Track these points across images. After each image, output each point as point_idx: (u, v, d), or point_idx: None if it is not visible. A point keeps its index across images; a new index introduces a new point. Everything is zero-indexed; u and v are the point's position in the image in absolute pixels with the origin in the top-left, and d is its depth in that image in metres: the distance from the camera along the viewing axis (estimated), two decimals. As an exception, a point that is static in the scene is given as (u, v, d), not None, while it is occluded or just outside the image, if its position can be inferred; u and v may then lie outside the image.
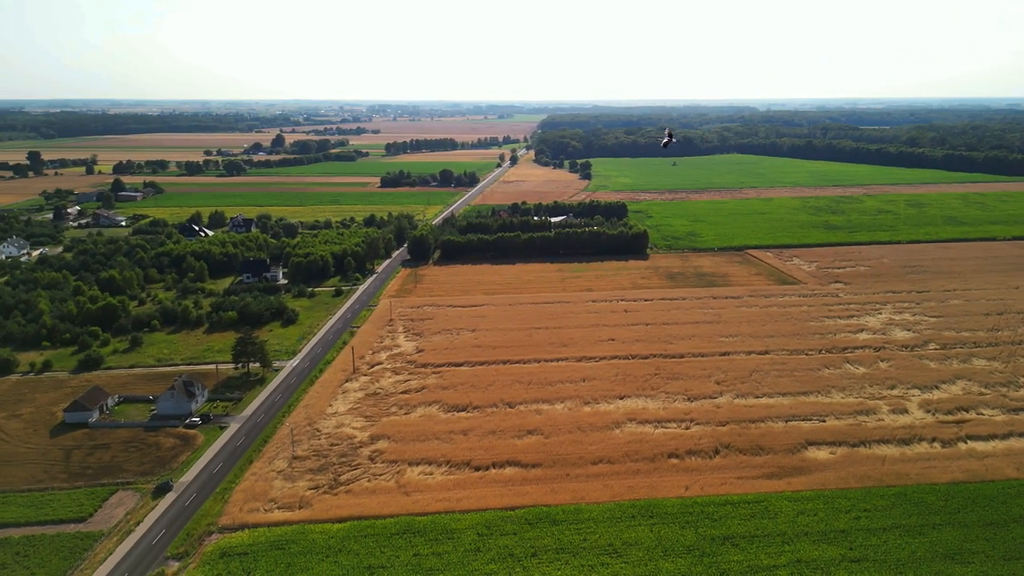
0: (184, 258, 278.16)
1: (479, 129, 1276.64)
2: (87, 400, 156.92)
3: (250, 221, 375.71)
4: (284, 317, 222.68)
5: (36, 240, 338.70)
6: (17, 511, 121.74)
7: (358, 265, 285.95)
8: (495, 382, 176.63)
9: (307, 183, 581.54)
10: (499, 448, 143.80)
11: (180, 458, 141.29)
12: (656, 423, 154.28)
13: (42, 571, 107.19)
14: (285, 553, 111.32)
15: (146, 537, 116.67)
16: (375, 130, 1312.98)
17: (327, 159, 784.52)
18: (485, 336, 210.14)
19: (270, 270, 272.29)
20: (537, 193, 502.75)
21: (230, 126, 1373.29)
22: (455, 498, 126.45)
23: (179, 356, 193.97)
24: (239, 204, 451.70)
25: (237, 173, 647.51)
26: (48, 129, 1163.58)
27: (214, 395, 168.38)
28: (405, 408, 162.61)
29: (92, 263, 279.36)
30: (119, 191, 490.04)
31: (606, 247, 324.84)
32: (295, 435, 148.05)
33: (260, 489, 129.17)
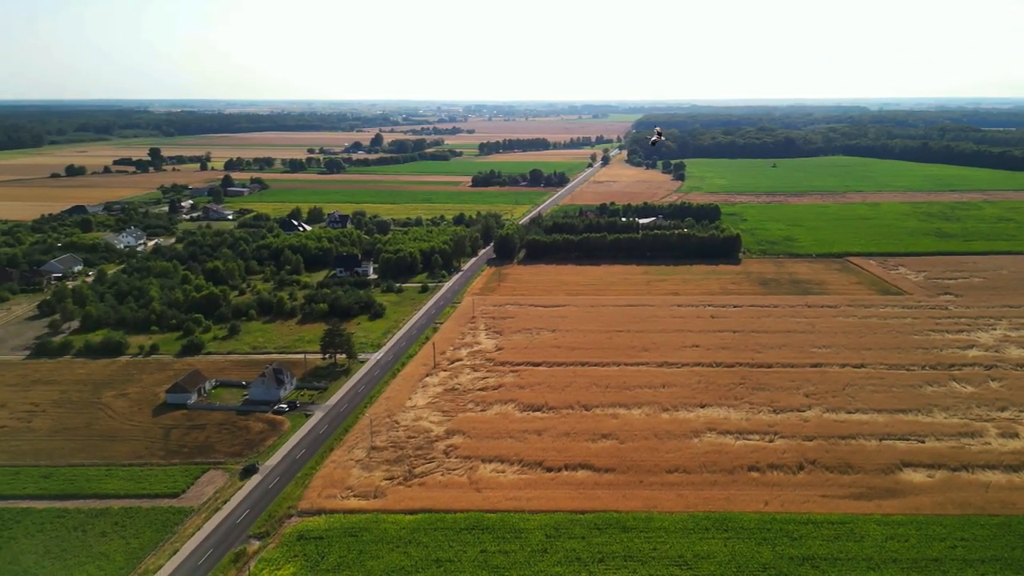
0: (282, 251, 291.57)
1: (572, 129, 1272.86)
2: (187, 383, 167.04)
3: (346, 217, 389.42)
4: (372, 311, 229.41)
5: (152, 231, 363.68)
6: (119, 483, 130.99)
7: (445, 262, 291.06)
8: (572, 383, 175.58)
9: (402, 181, 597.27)
10: (572, 450, 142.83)
11: (267, 442, 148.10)
12: (737, 434, 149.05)
13: (137, 541, 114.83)
14: (358, 540, 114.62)
15: (232, 515, 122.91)
16: (470, 130, 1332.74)
17: (422, 158, 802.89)
18: (565, 337, 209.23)
19: (361, 265, 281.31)
20: (627, 194, 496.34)
21: (333, 125, 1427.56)
22: (525, 497, 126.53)
23: (272, 345, 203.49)
24: (337, 201, 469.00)
25: (337, 171, 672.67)
26: (169, 127, 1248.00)
27: (302, 383, 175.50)
28: (481, 405, 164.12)
29: (200, 254, 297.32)
30: (228, 187, 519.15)
31: (695, 250, 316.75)
32: (374, 426, 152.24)
33: (338, 476, 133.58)
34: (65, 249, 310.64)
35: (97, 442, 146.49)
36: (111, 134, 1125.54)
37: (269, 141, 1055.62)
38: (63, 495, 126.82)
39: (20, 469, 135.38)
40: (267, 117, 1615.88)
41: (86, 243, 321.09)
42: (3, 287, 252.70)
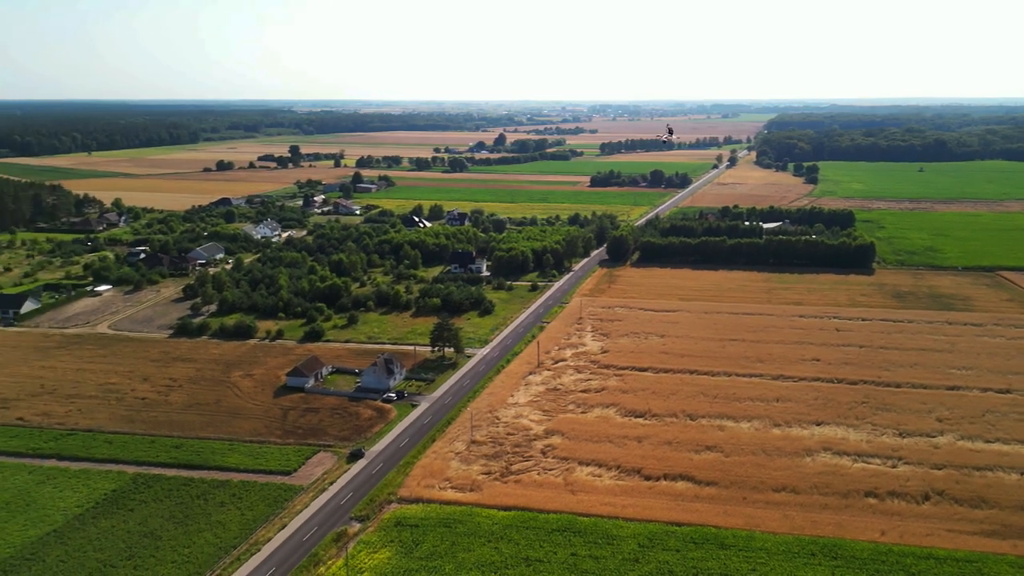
0: (402, 246, 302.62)
1: (699, 129, 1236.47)
2: (306, 367, 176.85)
3: (464, 215, 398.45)
4: (482, 307, 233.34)
5: (286, 223, 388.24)
6: (239, 458, 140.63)
7: (556, 262, 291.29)
8: (678, 391, 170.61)
9: (521, 180, 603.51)
10: (673, 460, 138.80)
11: (374, 429, 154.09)
12: (855, 456, 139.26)
13: (251, 513, 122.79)
14: (451, 532, 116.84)
15: (336, 496, 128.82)
16: (593, 130, 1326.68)
17: (543, 158, 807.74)
18: (674, 343, 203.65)
19: (475, 262, 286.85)
20: (752, 197, 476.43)
21: (459, 125, 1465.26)
22: (620, 504, 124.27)
23: (386, 336, 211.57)
24: (457, 199, 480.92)
25: (460, 169, 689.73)
26: (309, 127, 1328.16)
27: (410, 374, 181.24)
28: (583, 407, 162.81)
29: (327, 246, 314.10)
30: (358, 183, 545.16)
31: (824, 258, 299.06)
32: (476, 421, 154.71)
33: (437, 467, 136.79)
34: (210, 238, 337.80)
35: (223, 418, 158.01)
36: (258, 132, 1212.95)
37: (399, 140, 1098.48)
38: (190, 465, 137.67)
39: (156, 438, 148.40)
40: (398, 117, 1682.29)
41: (228, 233, 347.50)
42: (155, 271, 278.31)
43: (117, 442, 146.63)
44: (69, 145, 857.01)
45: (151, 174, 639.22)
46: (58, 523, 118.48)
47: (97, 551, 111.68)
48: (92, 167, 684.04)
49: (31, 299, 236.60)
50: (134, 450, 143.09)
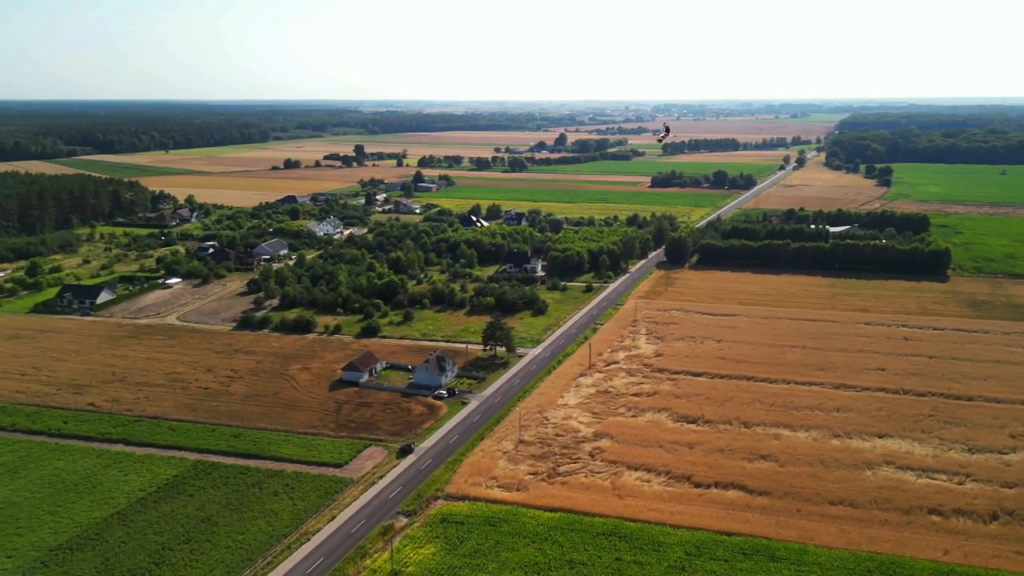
0: (458, 245, 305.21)
1: (766, 129, 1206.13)
2: (360, 362, 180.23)
3: (521, 215, 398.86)
4: (535, 307, 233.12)
5: (348, 221, 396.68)
6: (293, 449, 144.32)
7: (612, 263, 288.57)
8: (733, 398, 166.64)
9: (580, 181, 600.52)
10: (725, 468, 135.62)
11: (424, 425, 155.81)
12: (920, 471, 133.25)
13: (303, 503, 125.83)
14: (496, 530, 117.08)
15: (385, 491, 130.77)
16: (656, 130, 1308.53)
17: (603, 158, 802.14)
18: (731, 348, 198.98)
19: (530, 262, 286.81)
20: (820, 199, 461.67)
21: (521, 125, 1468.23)
22: (668, 510, 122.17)
23: (440, 333, 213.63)
24: (516, 199, 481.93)
25: (519, 169, 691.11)
26: (374, 126, 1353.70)
27: (462, 372, 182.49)
28: (633, 411, 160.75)
29: (386, 244, 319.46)
30: (418, 182, 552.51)
31: (894, 264, 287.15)
32: (524, 421, 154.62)
33: (485, 466, 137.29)
34: (275, 234, 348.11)
35: (280, 410, 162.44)
36: (325, 132, 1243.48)
37: (460, 140, 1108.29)
38: (247, 454, 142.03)
39: (216, 427, 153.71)
40: (461, 117, 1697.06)
41: (292, 229, 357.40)
42: (222, 265, 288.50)
43: (180, 429, 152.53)
44: (148, 143, 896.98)
45: (223, 172, 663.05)
46: (122, 505, 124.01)
47: (157, 534, 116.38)
48: (168, 165, 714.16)
49: (107, 290, 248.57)
50: (195, 438, 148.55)
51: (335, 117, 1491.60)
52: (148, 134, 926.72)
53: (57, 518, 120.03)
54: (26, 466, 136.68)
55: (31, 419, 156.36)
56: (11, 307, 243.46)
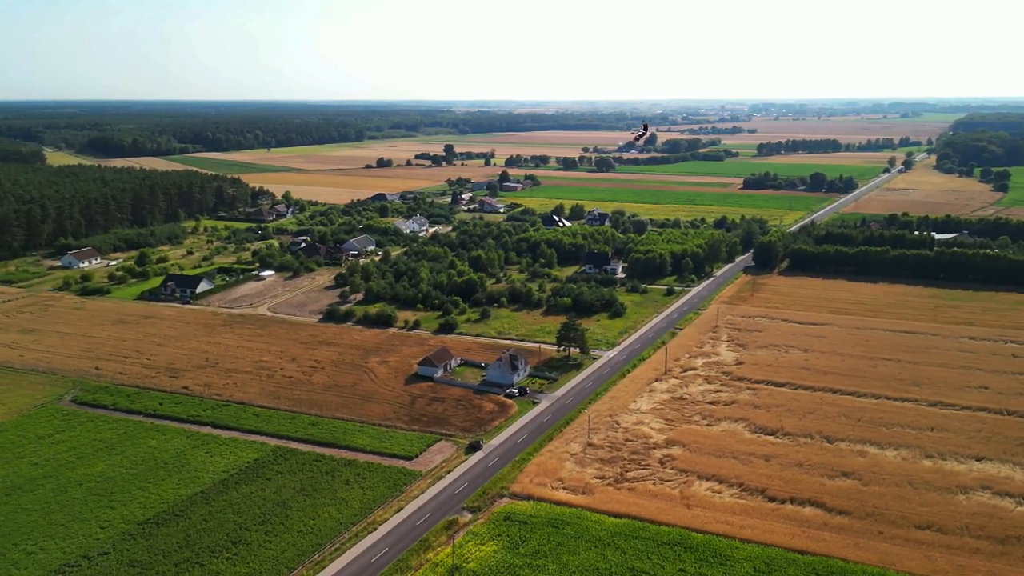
0: (539, 245, 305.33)
1: (871, 129, 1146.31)
2: (436, 358, 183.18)
3: (605, 215, 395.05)
4: (612, 309, 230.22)
5: (434, 219, 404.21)
6: (367, 440, 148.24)
7: (696, 267, 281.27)
8: (816, 411, 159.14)
9: (668, 181, 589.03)
10: (802, 483, 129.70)
11: (494, 422, 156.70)
12: (1020, 499, 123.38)
13: (372, 493, 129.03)
14: (558, 532, 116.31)
15: (452, 486, 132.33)
16: (751, 129, 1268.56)
17: (694, 158, 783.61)
18: (817, 359, 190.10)
19: (610, 263, 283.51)
20: (927, 204, 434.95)
21: (611, 125, 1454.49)
22: (738, 524, 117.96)
23: (515, 332, 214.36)
24: (600, 199, 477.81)
25: (606, 169, 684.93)
26: (464, 126, 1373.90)
27: (534, 372, 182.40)
28: (708, 419, 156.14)
29: (468, 242, 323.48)
30: (504, 182, 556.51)
31: (1006, 275, 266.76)
32: (594, 423, 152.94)
33: (552, 467, 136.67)
34: (363, 231, 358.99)
35: (357, 401, 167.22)
36: (417, 131, 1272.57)
37: (548, 140, 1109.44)
38: (323, 442, 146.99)
39: (296, 415, 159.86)
40: (551, 117, 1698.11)
41: (380, 226, 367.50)
42: (312, 259, 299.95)
43: (263, 415, 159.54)
44: (252, 142, 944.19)
45: (319, 169, 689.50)
46: (205, 485, 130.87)
47: (236, 514, 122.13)
48: (269, 162, 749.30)
49: (206, 280, 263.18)
50: (276, 424, 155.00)
51: (428, 117, 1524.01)
52: (252, 133, 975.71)
53: (147, 494, 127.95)
54: (123, 443, 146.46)
55: (131, 399, 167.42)
56: (120, 293, 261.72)
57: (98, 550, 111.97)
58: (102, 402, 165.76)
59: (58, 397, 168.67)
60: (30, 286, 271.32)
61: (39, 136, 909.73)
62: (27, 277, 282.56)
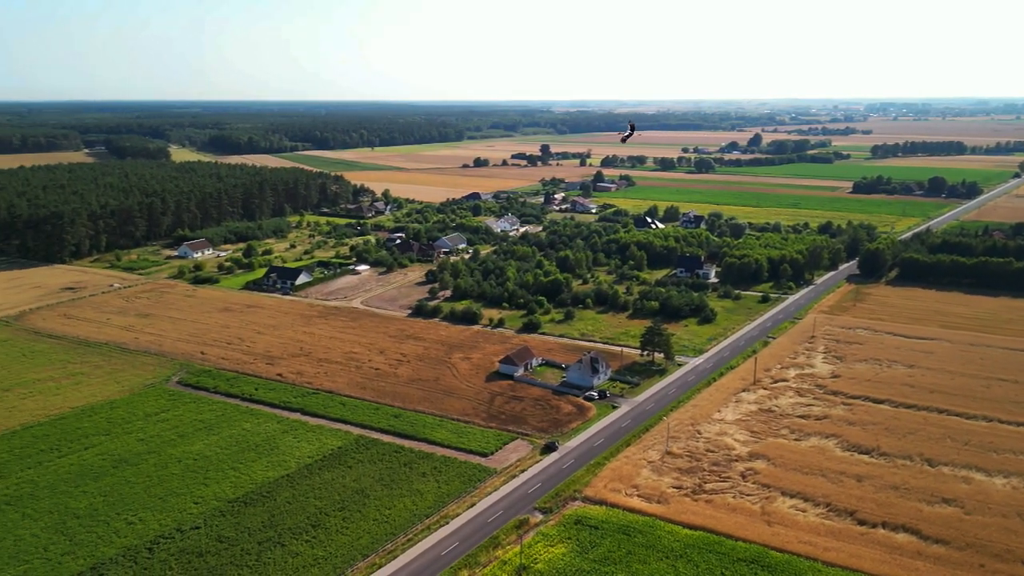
0: (628, 247, 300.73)
1: (1003, 131, 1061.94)
2: (517, 357, 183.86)
3: (700, 218, 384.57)
4: (702, 315, 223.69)
5: (525, 219, 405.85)
6: (446, 434, 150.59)
7: (794, 273, 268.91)
8: (918, 431, 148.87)
9: (770, 184, 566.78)
10: (897, 507, 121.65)
11: (571, 424, 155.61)
12: None
13: (447, 487, 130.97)
14: (629, 540, 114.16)
15: (525, 485, 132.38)
16: (866, 130, 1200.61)
17: (800, 160, 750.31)
18: (923, 376, 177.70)
19: (703, 267, 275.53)
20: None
21: (714, 125, 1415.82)
22: (823, 546, 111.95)
23: (599, 334, 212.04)
24: (696, 200, 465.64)
25: (705, 170, 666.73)
26: (562, 126, 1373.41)
27: (616, 375, 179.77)
28: (797, 434, 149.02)
29: (557, 242, 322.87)
30: (598, 182, 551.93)
31: None
32: (675, 431, 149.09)
33: (627, 472, 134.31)
34: (456, 229, 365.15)
35: (439, 396, 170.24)
36: (515, 131, 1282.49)
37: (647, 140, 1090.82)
38: (404, 434, 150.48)
39: (380, 406, 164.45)
40: (651, 116, 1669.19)
41: (472, 225, 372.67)
42: (405, 256, 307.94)
43: (349, 405, 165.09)
44: (357, 141, 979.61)
45: (418, 168, 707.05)
46: (291, 469, 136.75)
47: (317, 498, 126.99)
48: (372, 161, 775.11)
49: (305, 273, 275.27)
50: (361, 414, 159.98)
51: (527, 117, 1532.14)
52: (358, 132, 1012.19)
53: (238, 474, 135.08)
54: (220, 425, 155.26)
55: (230, 383, 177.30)
56: (227, 283, 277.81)
57: (190, 524, 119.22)
58: (204, 385, 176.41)
59: (166, 378, 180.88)
60: (149, 273, 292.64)
61: (166, 134, 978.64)
62: (147, 265, 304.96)
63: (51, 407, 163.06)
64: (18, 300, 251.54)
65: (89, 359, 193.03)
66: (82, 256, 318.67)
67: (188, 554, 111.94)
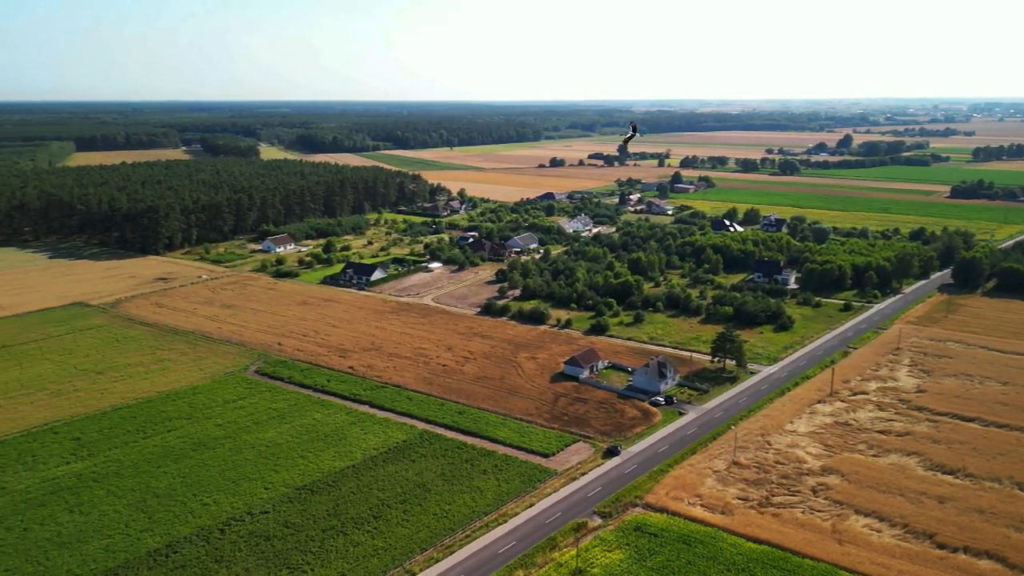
0: (704, 250, 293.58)
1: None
2: (583, 359, 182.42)
3: (782, 221, 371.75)
4: (778, 322, 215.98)
5: (598, 219, 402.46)
6: (508, 433, 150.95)
7: (881, 281, 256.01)
8: (1010, 452, 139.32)
9: (859, 187, 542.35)
10: (982, 532, 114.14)
11: (636, 429, 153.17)
12: None
13: (507, 486, 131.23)
14: (689, 550, 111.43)
15: (585, 488, 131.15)
16: (968, 132, 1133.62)
17: (894, 163, 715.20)
18: (1019, 394, 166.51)
19: (782, 272, 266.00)
20: None
21: (802, 125, 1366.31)
22: (897, 568, 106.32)
23: (668, 339, 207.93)
24: (778, 203, 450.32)
25: (790, 172, 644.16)
26: (642, 126, 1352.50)
27: (684, 382, 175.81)
28: (875, 449, 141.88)
29: (630, 244, 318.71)
30: (676, 183, 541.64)
31: None
32: (743, 441, 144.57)
33: (690, 481, 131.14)
34: (528, 228, 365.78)
35: (503, 394, 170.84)
36: (593, 131, 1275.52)
37: (729, 140, 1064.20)
38: (467, 431, 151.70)
39: (445, 402, 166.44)
40: (735, 116, 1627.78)
41: (544, 225, 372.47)
42: (477, 254, 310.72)
43: (415, 399, 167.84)
44: (437, 140, 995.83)
45: (494, 168, 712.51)
46: (357, 460, 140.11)
47: (380, 490, 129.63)
48: (450, 160, 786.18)
49: (380, 269, 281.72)
50: (426, 409, 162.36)
51: (605, 117, 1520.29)
52: (437, 132, 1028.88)
53: (306, 462, 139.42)
54: (292, 414, 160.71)
55: (303, 374, 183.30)
56: (307, 277, 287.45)
57: (260, 508, 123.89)
58: (280, 375, 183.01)
59: (245, 367, 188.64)
60: (234, 266, 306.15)
61: (257, 133, 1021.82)
62: (232, 258, 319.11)
63: (139, 391, 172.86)
64: (115, 288, 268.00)
65: (176, 346, 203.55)
66: (174, 248, 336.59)
67: (256, 537, 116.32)
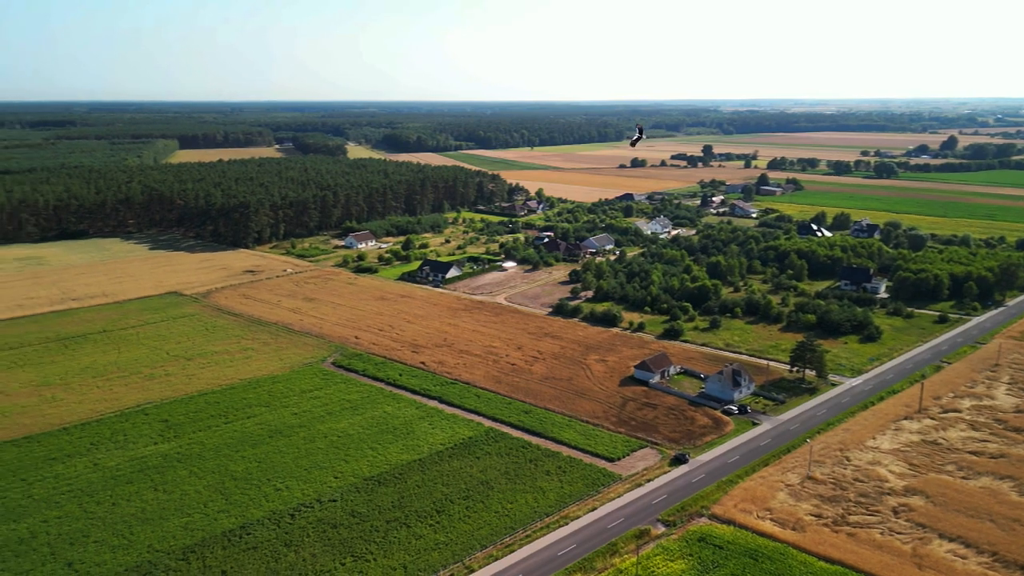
0: (788, 255, 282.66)
1: None
2: (653, 363, 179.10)
3: (874, 227, 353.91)
4: (865, 332, 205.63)
5: (678, 221, 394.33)
6: (573, 435, 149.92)
7: (981, 293, 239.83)
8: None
9: (961, 192, 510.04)
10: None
11: (706, 438, 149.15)
12: None
13: (570, 488, 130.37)
14: (756, 565, 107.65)
15: (650, 495, 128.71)
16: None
17: (1003, 166, 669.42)
18: None
19: (871, 281, 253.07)
20: None
21: (902, 126, 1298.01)
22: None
23: (745, 346, 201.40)
24: (871, 208, 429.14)
25: (886, 175, 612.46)
26: (729, 126, 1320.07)
27: (759, 391, 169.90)
28: (965, 471, 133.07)
29: (710, 247, 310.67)
30: (762, 185, 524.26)
31: None
32: (820, 455, 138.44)
33: (761, 494, 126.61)
34: (604, 229, 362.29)
35: (570, 396, 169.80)
36: (678, 131, 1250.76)
37: (822, 141, 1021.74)
38: (532, 431, 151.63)
39: (512, 401, 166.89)
40: (829, 116, 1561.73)
41: (621, 226, 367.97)
42: (552, 255, 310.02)
43: (483, 397, 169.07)
44: (518, 140, 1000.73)
45: (573, 168, 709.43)
46: (423, 454, 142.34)
47: (444, 485, 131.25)
48: (530, 160, 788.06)
49: (455, 267, 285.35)
50: (493, 407, 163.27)
51: (691, 117, 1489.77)
52: (519, 132, 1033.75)
53: (375, 454, 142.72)
54: (364, 406, 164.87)
55: (377, 367, 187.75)
56: (385, 273, 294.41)
57: (329, 496, 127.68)
58: (355, 367, 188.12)
59: (322, 359, 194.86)
60: (317, 261, 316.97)
61: (345, 132, 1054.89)
62: (316, 253, 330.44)
63: (223, 377, 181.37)
64: (207, 279, 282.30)
65: (259, 336, 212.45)
66: (263, 242, 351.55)
67: (324, 524, 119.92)
